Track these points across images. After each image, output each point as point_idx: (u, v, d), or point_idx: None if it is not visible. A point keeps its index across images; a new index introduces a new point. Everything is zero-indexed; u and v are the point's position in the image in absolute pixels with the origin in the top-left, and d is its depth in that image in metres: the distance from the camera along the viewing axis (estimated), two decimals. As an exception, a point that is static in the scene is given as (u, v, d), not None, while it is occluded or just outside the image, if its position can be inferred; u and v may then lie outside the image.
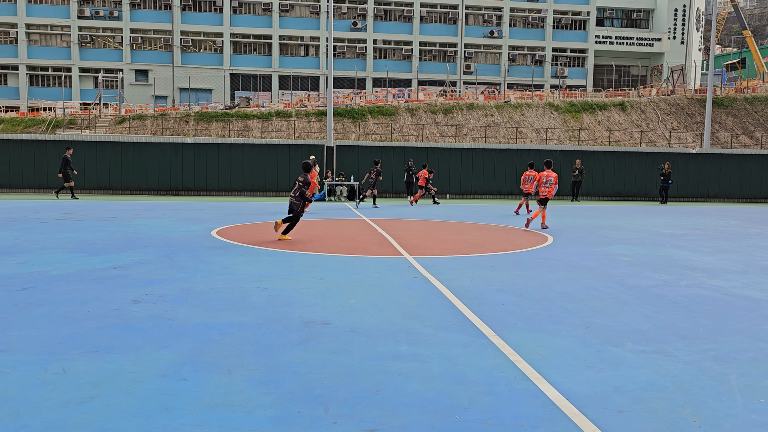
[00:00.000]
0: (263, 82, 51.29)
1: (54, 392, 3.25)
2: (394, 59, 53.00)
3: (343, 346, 4.16)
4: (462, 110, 39.26)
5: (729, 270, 7.77)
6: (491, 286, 6.35)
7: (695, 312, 5.40)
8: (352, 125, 36.90)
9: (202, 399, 3.19)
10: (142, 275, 6.63)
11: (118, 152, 24.68)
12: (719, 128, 39.91)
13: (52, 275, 6.55)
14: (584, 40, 54.85)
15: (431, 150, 26.54)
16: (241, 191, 25.26)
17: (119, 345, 4.11)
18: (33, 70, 48.80)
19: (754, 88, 45.38)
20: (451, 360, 3.91)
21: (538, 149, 27.49)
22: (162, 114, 37.03)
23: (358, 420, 2.96)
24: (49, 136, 25.74)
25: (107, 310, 5.08)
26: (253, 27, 51.08)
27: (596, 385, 3.51)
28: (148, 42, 50.30)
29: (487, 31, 53.08)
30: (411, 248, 9.22)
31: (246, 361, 3.83)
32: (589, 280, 6.86)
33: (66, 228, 11.16)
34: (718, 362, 3.99)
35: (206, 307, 5.22)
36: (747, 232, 13.09)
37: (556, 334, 4.58)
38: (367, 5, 51.71)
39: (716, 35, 56.45)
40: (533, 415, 3.06)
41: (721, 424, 2.99)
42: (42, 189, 24.41)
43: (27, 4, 47.99)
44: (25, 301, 5.33)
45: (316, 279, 6.60)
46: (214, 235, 10.44)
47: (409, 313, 5.15)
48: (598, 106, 41.16)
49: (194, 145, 25.01)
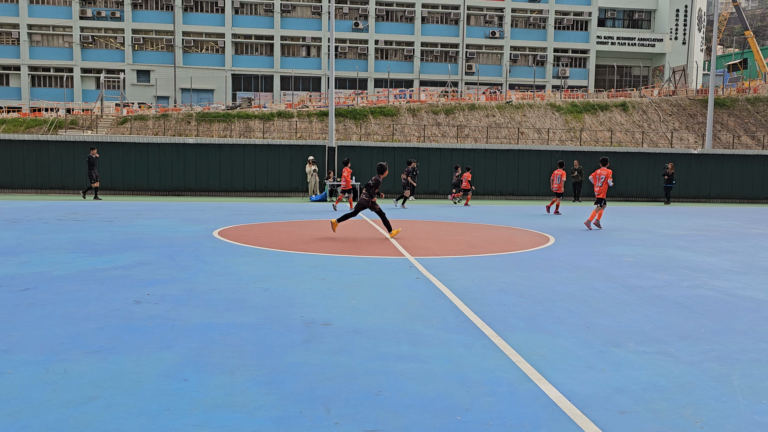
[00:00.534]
0: (265, 83, 51.32)
1: (55, 392, 3.25)
2: (396, 60, 53.01)
3: (344, 347, 4.16)
4: (463, 111, 39.25)
5: (731, 271, 7.76)
6: (493, 287, 6.34)
7: (697, 313, 5.39)
8: (354, 126, 36.91)
9: (203, 399, 3.19)
10: (143, 276, 6.64)
11: (120, 153, 24.71)
12: (721, 129, 39.86)
13: (53, 275, 6.55)
14: (586, 41, 54.82)
15: (433, 150, 26.54)
16: (242, 192, 25.27)
17: (121, 345, 4.12)
18: (35, 70, 48.89)
19: (756, 88, 45.32)
20: (453, 361, 3.91)
21: (539, 150, 27.48)
22: (164, 114, 37.06)
23: (360, 421, 2.95)
24: (51, 136, 25.78)
25: (109, 310, 5.09)
26: (254, 27, 51.13)
27: (598, 385, 3.51)
28: (149, 42, 50.37)
29: (489, 31, 53.08)
30: (412, 249, 9.22)
31: (247, 361, 3.83)
32: (591, 280, 6.85)
33: (68, 228, 11.17)
34: (720, 363, 3.98)
35: (208, 308, 5.22)
36: (749, 232, 13.07)
37: (558, 334, 4.58)
38: (369, 6, 51.74)
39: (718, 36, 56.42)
40: (535, 415, 3.06)
41: (723, 425, 2.99)
42: (44, 189, 24.46)
43: (29, 5, 48.09)
44: (27, 302, 5.34)
45: (317, 279, 6.60)
46: (215, 236, 10.44)
47: (410, 313, 5.15)
48: (599, 107, 41.13)
49: (196, 146, 25.04)
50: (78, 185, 24.50)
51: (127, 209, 16.21)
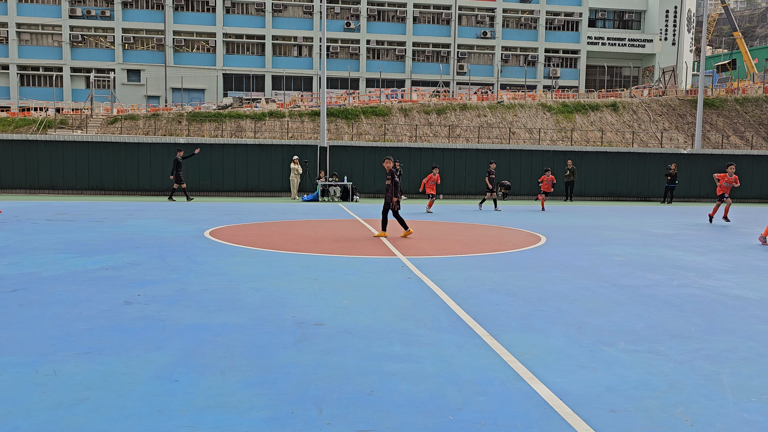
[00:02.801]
0: (256, 83, 51.17)
1: (45, 394, 3.22)
2: (388, 59, 53.01)
3: (336, 347, 4.15)
4: (455, 111, 39.31)
5: (720, 270, 7.82)
6: (484, 287, 6.36)
7: (687, 311, 5.43)
8: (346, 125, 36.87)
9: (194, 400, 3.18)
10: (134, 276, 6.60)
11: (110, 152, 24.55)
12: (710, 129, 40.16)
13: (43, 276, 6.50)
14: (576, 41, 55.05)
15: (424, 150, 26.56)
16: (234, 191, 25.19)
17: (111, 346, 4.09)
18: (24, 69, 48.49)
19: (745, 89, 45.67)
20: (445, 360, 3.91)
21: (531, 150, 27.57)
22: (154, 114, 36.87)
23: (352, 421, 2.95)
24: (40, 136, 25.57)
25: (99, 311, 5.06)
26: (246, 27, 50.95)
27: (589, 384, 3.52)
28: (140, 42, 50.09)
29: (480, 31, 53.19)
30: (404, 249, 9.22)
31: (239, 362, 3.82)
32: (582, 280, 6.88)
33: (57, 229, 11.09)
34: (710, 361, 4.01)
35: (199, 308, 5.20)
36: (738, 232, 13.17)
37: (550, 334, 4.59)
38: (361, 5, 51.71)
39: (707, 36, 56.83)
40: (527, 415, 3.07)
41: (713, 423, 3.01)
42: (33, 190, 24.26)
43: (18, 4, 47.69)
44: (16, 303, 5.29)
45: (309, 279, 6.59)
46: (207, 236, 10.40)
47: (402, 313, 5.15)
48: (590, 107, 41.31)
49: (187, 146, 24.91)
50: (68, 185, 24.33)
51: (117, 209, 16.11)
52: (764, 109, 42.42)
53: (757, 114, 42.05)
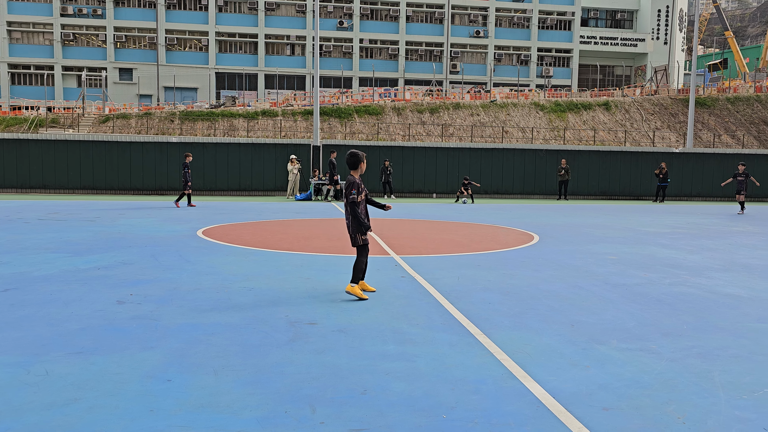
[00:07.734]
0: (249, 81, 51.02)
1: (37, 394, 3.20)
2: (381, 59, 52.98)
3: (329, 346, 4.15)
4: (448, 110, 39.34)
5: (712, 268, 7.86)
6: (478, 285, 6.37)
7: (679, 309, 5.46)
8: (339, 124, 36.83)
9: (187, 400, 3.17)
10: (126, 275, 6.57)
11: (102, 152, 24.43)
12: (702, 128, 40.37)
13: (34, 276, 6.47)
14: (569, 41, 55.21)
15: (418, 149, 26.57)
16: (227, 191, 25.11)
17: (103, 346, 4.07)
18: (15, 68, 48.15)
19: (736, 88, 45.93)
20: (438, 359, 3.92)
21: (524, 148, 27.63)
22: (146, 113, 36.70)
23: (345, 420, 2.95)
24: (31, 135, 25.41)
25: (91, 310, 5.03)
26: (238, 26, 50.78)
27: (582, 382, 3.54)
28: (132, 40, 49.83)
29: (473, 30, 53.24)
30: (398, 247, 9.22)
31: (232, 361, 3.81)
32: (575, 278, 6.90)
33: (49, 228, 11.03)
34: (702, 359, 4.03)
35: (192, 308, 5.18)
36: (729, 230, 13.25)
37: (542, 332, 4.61)
38: (354, 4, 51.64)
39: (698, 36, 57.04)
40: (520, 413, 3.07)
41: (705, 421, 3.03)
42: (24, 189, 24.11)
43: (8, 2, 47.34)
44: (8, 302, 5.26)
45: (302, 279, 6.59)
46: (199, 235, 10.37)
47: (395, 312, 5.15)
48: (582, 106, 41.44)
49: (179, 145, 24.82)
50: (59, 184, 24.19)
51: (109, 209, 16.03)
52: (755, 108, 42.70)
53: (748, 113, 42.31)
